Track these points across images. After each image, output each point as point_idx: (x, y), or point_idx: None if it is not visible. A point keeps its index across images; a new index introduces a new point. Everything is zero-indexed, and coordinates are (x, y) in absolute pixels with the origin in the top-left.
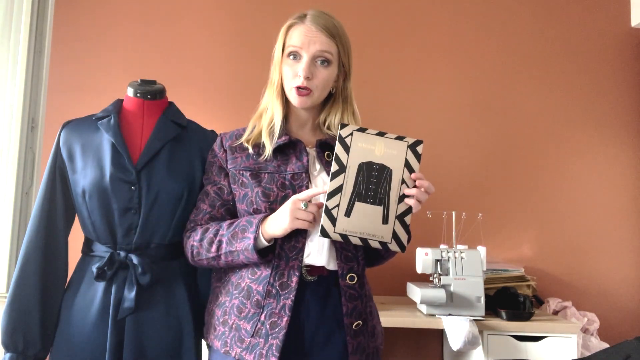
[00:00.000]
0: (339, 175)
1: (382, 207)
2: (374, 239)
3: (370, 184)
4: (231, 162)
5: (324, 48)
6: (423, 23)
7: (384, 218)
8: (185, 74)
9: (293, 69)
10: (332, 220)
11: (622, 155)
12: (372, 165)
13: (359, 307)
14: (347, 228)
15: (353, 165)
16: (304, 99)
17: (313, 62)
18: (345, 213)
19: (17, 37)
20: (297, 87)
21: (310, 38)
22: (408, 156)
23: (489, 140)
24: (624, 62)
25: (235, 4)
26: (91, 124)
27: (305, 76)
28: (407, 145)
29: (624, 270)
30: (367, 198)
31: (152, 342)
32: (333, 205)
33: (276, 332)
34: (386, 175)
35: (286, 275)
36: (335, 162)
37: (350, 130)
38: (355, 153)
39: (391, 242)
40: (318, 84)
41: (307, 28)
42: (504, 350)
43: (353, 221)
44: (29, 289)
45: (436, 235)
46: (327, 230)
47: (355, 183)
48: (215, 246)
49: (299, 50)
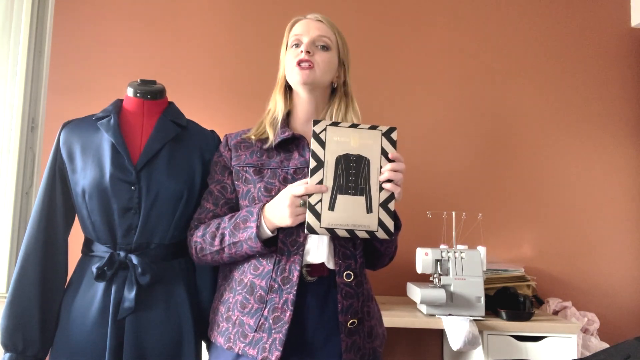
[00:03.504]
0: (317, 171)
1: (364, 196)
2: (360, 229)
3: (350, 176)
4: (235, 159)
5: (323, 33)
6: (421, 25)
7: (368, 207)
8: (185, 74)
9: (294, 53)
10: (316, 215)
11: (622, 155)
12: (349, 157)
13: (354, 306)
14: (332, 221)
15: (330, 160)
16: (307, 72)
17: (313, 44)
18: (329, 207)
19: (17, 37)
20: (299, 61)
21: (310, 26)
22: (383, 144)
23: (489, 141)
24: (624, 62)
25: (235, 5)
26: (91, 124)
27: (305, 50)
28: (381, 133)
29: (624, 270)
30: (348, 190)
31: (152, 342)
32: (316, 201)
33: (279, 327)
34: (364, 165)
35: (287, 270)
36: (313, 159)
37: (323, 126)
38: (331, 147)
39: (378, 230)
40: (319, 61)
41: (307, 20)
42: (504, 351)
43: (337, 214)
44: (29, 289)
45: (436, 235)
46: (313, 226)
47: (335, 176)
48: (218, 239)
49: (300, 37)
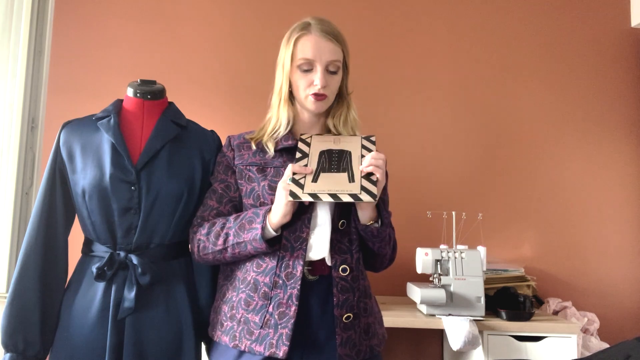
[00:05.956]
0: (301, 160)
1: (345, 173)
2: (343, 192)
3: (332, 161)
4: (238, 158)
5: (334, 57)
6: (422, 24)
7: (350, 179)
8: (185, 74)
9: (307, 79)
10: (299, 186)
11: (622, 155)
12: (332, 151)
13: (350, 300)
14: (315, 188)
15: (314, 153)
16: (321, 104)
17: (326, 71)
18: (312, 180)
19: (17, 37)
20: (314, 94)
21: (321, 49)
22: (364, 143)
23: (489, 141)
24: (624, 62)
25: (236, 5)
26: (91, 124)
27: (322, 85)
28: (360, 137)
29: (624, 270)
30: (331, 169)
31: (152, 342)
32: (300, 177)
33: (285, 322)
34: (346, 155)
35: (291, 265)
36: (298, 152)
37: (309, 135)
38: (315, 145)
39: (361, 193)
40: (333, 89)
41: (315, 39)
42: (504, 351)
43: (320, 184)
44: (29, 289)
45: (436, 235)
46: (296, 192)
47: (318, 162)
48: (222, 239)
49: (312, 62)
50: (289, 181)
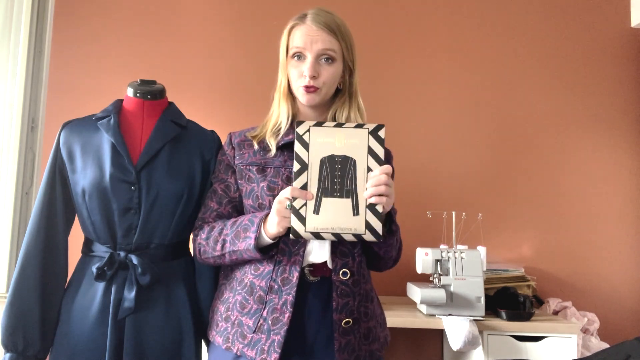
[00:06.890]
0: (302, 174)
1: (350, 199)
2: (347, 232)
3: (335, 177)
4: (238, 157)
5: (327, 46)
6: (424, 23)
7: (354, 210)
8: (185, 74)
9: (298, 70)
10: (301, 219)
11: (622, 155)
12: (334, 158)
13: (350, 305)
14: (317, 225)
15: (315, 162)
16: (312, 96)
17: (317, 60)
18: (314, 210)
19: (17, 37)
20: (304, 86)
21: (312, 37)
22: (370, 143)
23: (489, 141)
24: (624, 62)
25: (236, 5)
26: (91, 124)
27: (310, 75)
28: (367, 131)
29: (624, 270)
30: (334, 192)
31: (152, 342)
32: (300, 205)
33: (278, 328)
34: (350, 166)
35: (288, 270)
36: (296, 161)
37: (307, 127)
38: (315, 149)
39: (365, 233)
40: (325, 80)
41: (308, 27)
42: (504, 351)
43: (323, 217)
44: (29, 289)
45: (436, 235)
46: (298, 231)
47: (319, 179)
48: (219, 245)
49: (302, 50)
50: (288, 206)
